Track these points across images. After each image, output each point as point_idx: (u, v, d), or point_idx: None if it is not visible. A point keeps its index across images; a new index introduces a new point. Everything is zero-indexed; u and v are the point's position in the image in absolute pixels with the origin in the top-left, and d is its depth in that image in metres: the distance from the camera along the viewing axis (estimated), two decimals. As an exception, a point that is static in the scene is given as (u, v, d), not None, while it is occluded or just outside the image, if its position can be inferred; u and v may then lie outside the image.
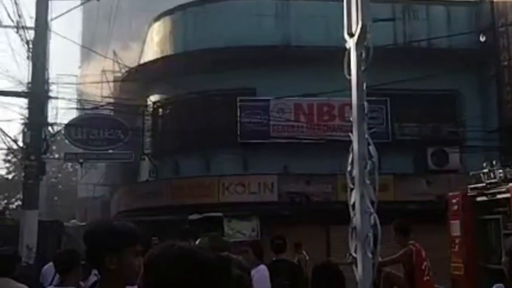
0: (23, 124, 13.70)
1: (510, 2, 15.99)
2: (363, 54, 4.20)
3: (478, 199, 9.81)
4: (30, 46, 13.23)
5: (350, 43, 4.29)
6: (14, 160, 46.52)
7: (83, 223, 28.60)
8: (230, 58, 15.40)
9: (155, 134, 18.12)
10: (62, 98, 15.88)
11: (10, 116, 61.96)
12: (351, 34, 4.28)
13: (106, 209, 24.93)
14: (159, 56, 17.54)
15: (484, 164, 9.88)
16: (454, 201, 10.20)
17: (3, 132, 14.11)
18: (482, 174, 9.69)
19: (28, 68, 13.29)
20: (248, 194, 15.47)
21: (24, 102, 13.66)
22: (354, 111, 4.18)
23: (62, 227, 15.70)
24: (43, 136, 13.36)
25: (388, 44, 14.99)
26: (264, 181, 15.57)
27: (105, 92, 21.02)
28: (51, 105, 14.96)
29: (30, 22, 13.45)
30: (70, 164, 39.75)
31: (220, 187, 15.58)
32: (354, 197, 4.04)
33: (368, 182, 3.98)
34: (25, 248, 12.08)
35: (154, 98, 18.46)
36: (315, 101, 16.04)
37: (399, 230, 7.17)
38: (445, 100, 17.09)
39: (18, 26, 13.26)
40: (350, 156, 4.16)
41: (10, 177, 52.10)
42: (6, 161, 51.21)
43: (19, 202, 26.41)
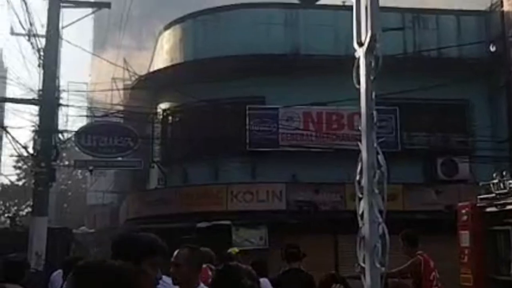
0: (34, 131, 13.77)
1: (520, 12, 15.95)
2: (372, 63, 4.20)
3: (488, 210, 9.75)
4: (41, 53, 13.33)
5: (360, 52, 4.29)
6: (25, 167, 46.79)
7: (92, 230, 28.72)
8: (239, 67, 15.44)
9: (165, 142, 18.17)
10: (72, 106, 15.95)
11: (21, 123, 62.32)
12: (361, 43, 4.28)
13: (115, 216, 25.00)
14: (169, 64, 17.61)
15: (494, 174, 9.82)
16: (464, 211, 10.15)
17: (14, 139, 14.20)
18: (492, 185, 9.63)
19: (39, 75, 13.39)
20: (256, 202, 15.46)
21: (35, 109, 13.76)
22: (363, 120, 4.17)
23: (71, 234, 15.75)
24: (53, 143, 13.43)
25: (397, 53, 14.99)
26: (272, 189, 15.55)
27: (115, 99, 21.13)
28: (62, 112, 15.06)
29: (42, 30, 13.57)
30: (79, 171, 39.94)
31: (228, 195, 15.58)
32: (362, 206, 4.03)
33: (376, 191, 3.97)
34: (34, 255, 12.12)
35: (163, 106, 18.53)
36: (324, 109, 16.04)
37: (407, 240, 7.15)
38: (454, 109, 17.03)
39: (30, 34, 13.37)
40: (359, 165, 4.15)
41: (20, 183, 52.38)
42: (16, 167, 51.50)
43: (29, 209, 26.49)
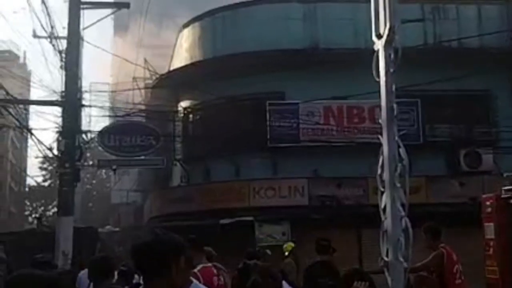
0: (58, 132, 13.95)
1: (543, -1, 15.69)
2: (392, 56, 4.18)
3: (513, 201, 9.61)
4: (63, 55, 13.49)
5: (379, 45, 4.28)
6: (50, 168, 47.44)
7: (117, 229, 28.99)
8: (258, 63, 15.44)
9: (186, 139, 18.26)
10: (95, 106, 16.12)
11: (45, 125, 63.16)
12: (379, 36, 4.27)
13: (139, 214, 25.22)
14: (189, 62, 17.68)
15: (518, 164, 9.70)
16: (488, 203, 10.02)
17: (39, 140, 14.42)
18: (516, 175, 9.51)
19: (61, 77, 13.55)
20: (278, 198, 15.46)
21: (58, 110, 13.93)
22: (384, 114, 4.16)
23: (96, 233, 15.93)
24: (77, 143, 13.60)
25: (418, 44, 14.83)
26: (294, 185, 15.54)
27: (136, 99, 21.28)
28: (84, 113, 15.23)
29: (63, 32, 13.73)
30: (103, 170, 40.35)
31: (250, 192, 15.60)
32: (384, 200, 4.02)
33: (398, 185, 3.96)
34: (61, 254, 12.30)
35: (184, 104, 18.62)
36: (345, 103, 15.96)
37: (430, 233, 7.10)
38: (477, 100, 16.82)
39: (51, 36, 13.55)
40: (380, 159, 4.14)
41: (46, 184, 53.11)
42: (42, 169, 52.27)
43: (55, 209, 26.85)
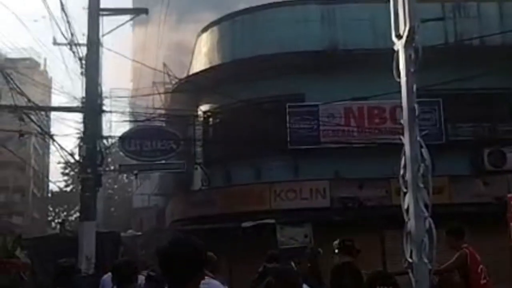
0: (79, 138, 14.07)
1: None
2: (412, 56, 4.14)
3: (539, 200, 9.45)
4: (83, 62, 13.61)
5: (398, 45, 4.24)
6: (72, 173, 47.95)
7: (139, 233, 29.14)
8: (278, 65, 15.43)
9: (206, 143, 18.30)
10: (115, 112, 16.24)
11: (67, 131, 63.90)
12: (399, 36, 4.23)
13: (161, 218, 25.32)
14: (208, 66, 17.74)
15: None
16: (514, 202, 9.86)
17: (60, 146, 14.56)
18: (542, 174, 9.35)
19: (82, 83, 13.67)
20: (300, 200, 15.41)
21: (79, 117, 14.05)
22: (405, 114, 4.12)
23: (119, 237, 16.00)
24: (98, 149, 13.69)
25: (439, 43, 14.68)
26: (315, 187, 15.48)
27: (156, 103, 21.41)
28: (105, 118, 15.35)
29: (83, 39, 13.85)
30: (125, 175, 40.64)
31: (271, 194, 15.58)
32: (407, 201, 3.98)
33: (421, 185, 3.92)
34: (84, 259, 12.39)
35: (204, 107, 18.68)
36: (365, 104, 15.86)
37: (453, 234, 7.04)
38: (500, 98, 16.58)
39: (71, 43, 13.67)
40: (403, 159, 4.10)
41: (68, 190, 53.72)
42: (64, 174, 52.91)
43: (78, 214, 27.11)
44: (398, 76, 4.20)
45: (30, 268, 11.03)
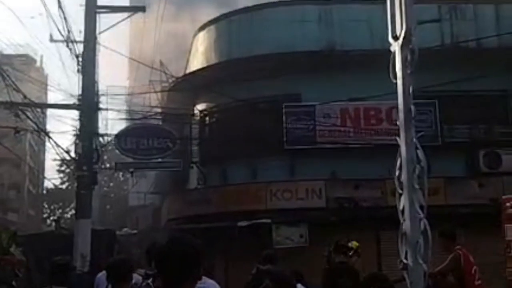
0: (75, 135, 14.06)
1: (562, -2, 15.48)
2: (409, 57, 4.15)
3: (534, 202, 9.50)
4: (80, 59, 13.59)
5: (395, 46, 4.26)
6: (67, 170, 47.85)
7: (135, 231, 29.14)
8: (274, 65, 15.43)
9: (203, 142, 18.30)
10: (111, 109, 16.22)
11: (63, 128, 63.88)
12: (396, 37, 4.24)
13: (157, 217, 25.31)
14: (205, 65, 17.73)
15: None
16: (508, 204, 9.90)
17: (56, 143, 14.54)
18: (537, 176, 9.39)
19: (78, 81, 13.66)
20: (295, 200, 15.42)
21: (75, 114, 14.04)
22: (401, 115, 4.13)
23: (114, 236, 15.99)
24: (94, 146, 13.68)
25: (435, 45, 14.72)
26: (311, 187, 15.50)
27: (153, 102, 21.39)
28: (101, 116, 15.34)
29: (79, 36, 13.84)
30: (121, 173, 40.57)
31: (267, 194, 15.59)
32: (403, 202, 3.99)
33: (417, 186, 3.93)
34: (79, 256, 12.38)
35: (200, 106, 18.66)
36: (362, 105, 15.88)
37: (446, 236, 7.07)
38: (496, 100, 16.64)
39: (68, 41, 13.65)
40: (398, 160, 4.11)
41: (63, 187, 53.59)
42: (59, 171, 52.74)
43: (73, 212, 27.06)
44: (395, 77, 4.22)
45: (25, 265, 11.00)
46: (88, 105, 13.42)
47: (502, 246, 9.94)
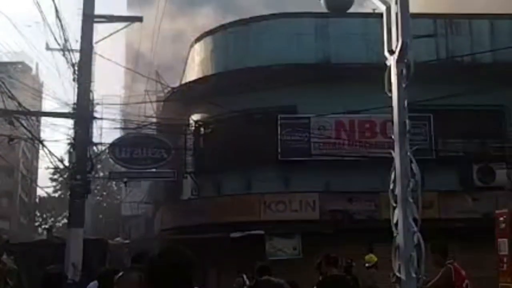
0: (69, 144, 14.00)
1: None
2: (404, 71, 4.17)
3: (527, 217, 9.51)
4: (76, 68, 13.56)
5: (391, 60, 4.28)
6: (61, 179, 47.70)
7: (127, 241, 28.98)
8: (270, 77, 15.46)
9: (197, 152, 18.27)
10: (106, 119, 16.17)
11: (57, 136, 63.72)
12: (392, 51, 4.27)
13: (150, 226, 25.23)
14: (201, 75, 17.75)
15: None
16: (502, 219, 9.93)
17: (50, 152, 14.45)
18: (530, 191, 9.42)
19: (73, 89, 13.62)
20: (289, 212, 15.40)
21: (70, 122, 13.98)
22: (396, 129, 4.14)
23: (106, 245, 15.89)
24: (88, 155, 13.61)
25: (431, 59, 14.80)
26: (305, 199, 15.48)
27: (148, 112, 21.38)
28: (96, 125, 15.28)
29: (76, 45, 13.81)
30: (114, 182, 40.47)
31: (261, 205, 15.56)
32: (397, 215, 3.99)
33: (411, 200, 3.93)
34: (71, 265, 12.27)
35: (196, 117, 18.66)
36: (356, 118, 15.92)
37: (438, 251, 7.08)
38: (490, 115, 16.72)
39: (64, 49, 13.62)
40: (393, 173, 4.12)
41: (56, 195, 53.34)
42: (53, 180, 52.53)
43: (65, 220, 26.95)
44: (390, 90, 4.23)
45: (16, 273, 10.92)
46: (83, 114, 13.37)
47: (495, 260, 9.95)
